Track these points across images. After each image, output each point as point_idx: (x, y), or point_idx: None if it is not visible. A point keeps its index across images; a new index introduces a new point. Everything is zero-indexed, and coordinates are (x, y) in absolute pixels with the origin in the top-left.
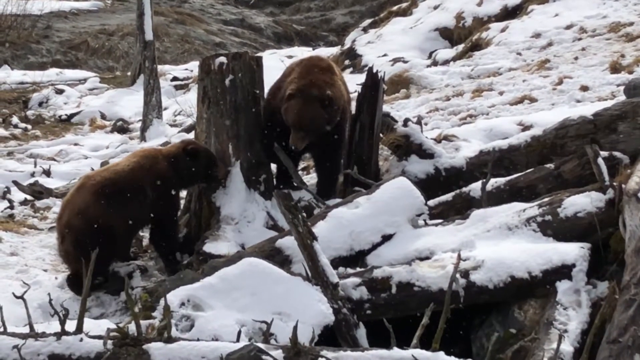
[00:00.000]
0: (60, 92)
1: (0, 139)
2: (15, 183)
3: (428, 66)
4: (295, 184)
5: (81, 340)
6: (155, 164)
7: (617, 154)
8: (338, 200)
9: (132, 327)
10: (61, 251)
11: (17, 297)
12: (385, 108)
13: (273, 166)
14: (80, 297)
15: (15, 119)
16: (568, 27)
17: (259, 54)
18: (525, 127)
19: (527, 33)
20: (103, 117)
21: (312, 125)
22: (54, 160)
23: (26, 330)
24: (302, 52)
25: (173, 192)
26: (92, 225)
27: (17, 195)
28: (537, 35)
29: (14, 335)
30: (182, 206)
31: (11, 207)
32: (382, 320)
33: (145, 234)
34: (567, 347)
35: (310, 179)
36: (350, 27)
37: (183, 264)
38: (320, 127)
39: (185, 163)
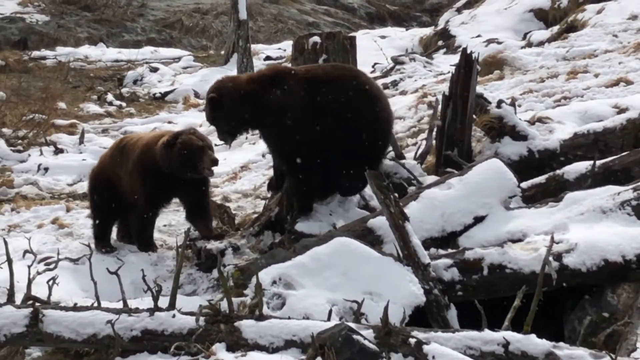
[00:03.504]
0: (154, 70)
1: (95, 116)
2: None
3: (522, 47)
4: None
5: (174, 316)
6: (145, 150)
7: None
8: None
9: (224, 305)
10: None
11: (111, 273)
12: (479, 89)
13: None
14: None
15: (110, 97)
16: None
17: (352, 34)
18: (621, 110)
19: (623, 14)
20: (196, 95)
21: None
22: None
23: (120, 305)
24: (395, 33)
25: (149, 181)
26: (94, 181)
27: None
28: (634, 17)
29: (107, 310)
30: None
31: None
32: (473, 301)
33: (237, 212)
34: None
35: None
36: (443, 8)
37: (275, 242)
38: None
39: (161, 153)
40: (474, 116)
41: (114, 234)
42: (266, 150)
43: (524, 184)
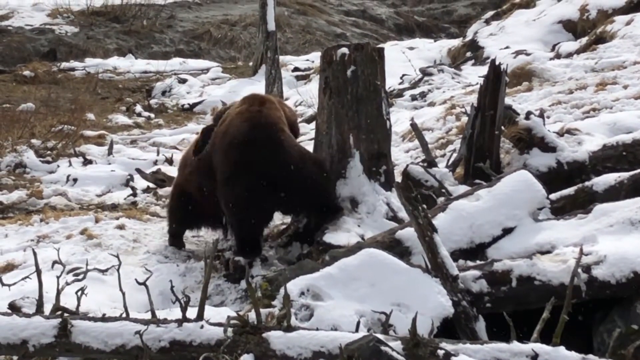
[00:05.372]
0: (183, 81)
1: (124, 127)
2: (138, 171)
3: (551, 59)
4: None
5: (202, 327)
6: None
7: None
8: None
9: (252, 316)
10: None
11: (140, 284)
12: (507, 101)
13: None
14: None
15: (138, 108)
16: None
17: (380, 45)
18: None
19: None
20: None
21: None
22: (176, 149)
23: (148, 316)
24: (423, 44)
25: None
26: None
27: (140, 183)
28: None
29: (136, 321)
30: None
31: (134, 194)
32: (501, 313)
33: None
34: None
35: None
36: (472, 19)
37: (303, 253)
38: None
39: None
40: (503, 127)
41: None
42: None
43: (553, 196)
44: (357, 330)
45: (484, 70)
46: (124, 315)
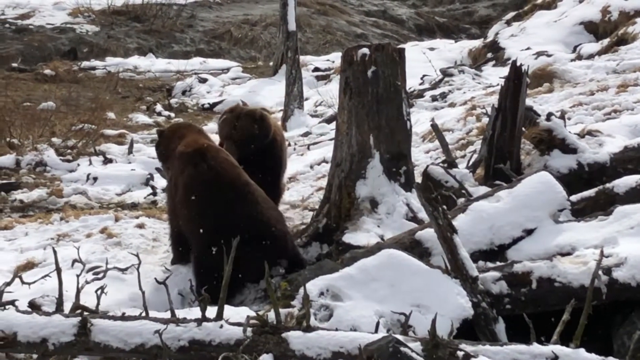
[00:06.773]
0: (203, 81)
1: (144, 127)
2: (158, 170)
3: (572, 60)
4: None
5: (221, 327)
6: None
7: None
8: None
9: (271, 315)
10: None
11: (159, 283)
12: (528, 102)
13: None
14: None
15: (159, 107)
16: None
17: (400, 46)
18: None
19: None
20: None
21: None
22: None
23: (167, 315)
24: (444, 45)
25: None
26: None
27: (160, 182)
28: None
29: (155, 320)
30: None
31: (154, 193)
32: (521, 315)
33: None
34: None
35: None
36: (493, 20)
37: (322, 253)
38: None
39: None
40: (523, 129)
41: None
42: (314, 162)
43: (574, 198)
44: (376, 331)
45: (504, 71)
46: (144, 314)
